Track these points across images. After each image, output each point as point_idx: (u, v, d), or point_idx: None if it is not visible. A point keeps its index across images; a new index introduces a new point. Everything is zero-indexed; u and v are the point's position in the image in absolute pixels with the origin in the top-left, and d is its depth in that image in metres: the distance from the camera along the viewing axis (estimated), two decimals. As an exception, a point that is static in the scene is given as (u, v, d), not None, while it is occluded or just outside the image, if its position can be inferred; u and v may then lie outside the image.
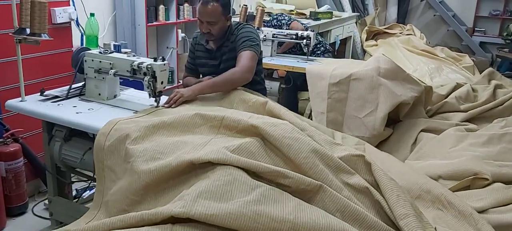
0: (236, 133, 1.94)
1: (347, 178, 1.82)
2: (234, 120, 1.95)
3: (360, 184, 1.79)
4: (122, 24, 3.97)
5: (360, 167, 1.90)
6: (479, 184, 2.33)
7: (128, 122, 2.03)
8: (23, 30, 2.31)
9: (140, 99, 2.51)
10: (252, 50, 2.60)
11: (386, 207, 1.72)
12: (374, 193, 1.77)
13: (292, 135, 1.83)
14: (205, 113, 2.01)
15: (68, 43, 3.23)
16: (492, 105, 3.60)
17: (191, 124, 1.99)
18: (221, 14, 2.60)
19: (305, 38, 3.83)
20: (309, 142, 1.83)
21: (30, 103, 2.39)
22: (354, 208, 1.67)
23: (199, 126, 1.99)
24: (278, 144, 1.81)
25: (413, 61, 6.04)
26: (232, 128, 1.95)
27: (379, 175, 1.82)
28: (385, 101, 3.17)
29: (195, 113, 2.01)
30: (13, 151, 2.80)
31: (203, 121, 2.00)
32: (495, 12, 7.62)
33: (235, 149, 1.76)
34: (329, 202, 1.67)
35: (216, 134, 1.96)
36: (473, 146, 2.68)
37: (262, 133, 1.85)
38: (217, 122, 1.98)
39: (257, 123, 1.88)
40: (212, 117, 2.00)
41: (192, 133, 1.97)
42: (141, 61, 2.27)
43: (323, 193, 1.69)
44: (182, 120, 1.99)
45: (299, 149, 1.79)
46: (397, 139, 3.29)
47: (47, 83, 2.86)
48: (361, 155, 1.91)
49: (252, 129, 1.89)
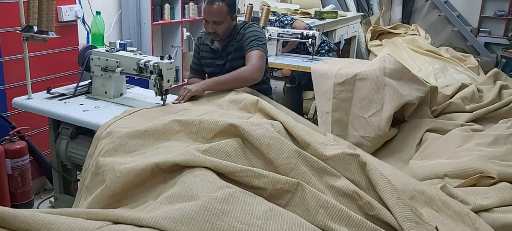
0: (216, 135, 1.85)
1: (332, 180, 1.74)
2: (212, 121, 1.87)
3: (347, 188, 1.71)
4: (128, 23, 3.98)
5: (353, 166, 1.82)
6: (485, 183, 2.32)
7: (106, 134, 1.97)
8: (31, 28, 2.32)
9: (147, 97, 2.52)
10: (261, 50, 2.60)
11: (378, 208, 1.65)
12: (363, 195, 1.69)
13: (273, 135, 1.76)
14: (182, 118, 1.92)
15: (74, 41, 3.24)
16: (498, 106, 3.59)
17: (167, 130, 1.89)
18: (227, 13, 2.60)
19: (311, 38, 3.83)
20: (291, 143, 1.78)
21: (37, 101, 2.41)
22: (338, 205, 1.61)
23: (177, 132, 1.89)
24: (258, 144, 1.74)
25: (417, 61, 6.03)
26: (211, 130, 1.86)
27: (375, 175, 1.76)
28: (391, 102, 3.16)
29: (173, 119, 1.91)
30: (19, 149, 2.81)
31: (181, 127, 1.90)
32: (500, 13, 7.60)
33: (206, 150, 1.68)
34: (310, 199, 1.60)
35: (194, 140, 1.87)
36: (479, 146, 2.68)
37: (242, 132, 1.77)
38: (194, 127, 1.89)
39: (236, 122, 1.80)
40: (190, 121, 1.90)
41: (169, 140, 1.87)
42: (147, 60, 2.27)
43: (302, 191, 1.62)
44: (157, 128, 1.89)
45: (280, 149, 1.72)
46: (402, 138, 3.29)
47: (53, 81, 2.87)
48: (355, 154, 1.85)
49: (231, 129, 1.81)
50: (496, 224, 2.05)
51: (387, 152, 3.25)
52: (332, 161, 1.83)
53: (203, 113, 2.12)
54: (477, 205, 2.13)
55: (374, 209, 1.66)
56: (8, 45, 2.79)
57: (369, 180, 1.78)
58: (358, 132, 3.24)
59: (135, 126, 1.95)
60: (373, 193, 1.76)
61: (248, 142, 1.78)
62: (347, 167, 1.83)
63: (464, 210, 2.02)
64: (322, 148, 1.86)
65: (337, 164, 1.83)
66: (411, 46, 6.45)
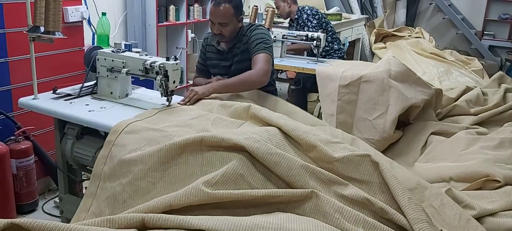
0: (218, 152, 1.78)
1: (341, 189, 1.73)
2: (215, 138, 1.78)
3: (357, 195, 1.70)
4: (133, 24, 3.99)
5: (363, 167, 1.81)
6: (490, 186, 2.31)
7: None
8: (37, 28, 2.33)
9: (152, 98, 2.52)
10: (267, 53, 2.60)
11: (392, 213, 1.65)
12: (375, 201, 1.68)
13: (277, 152, 1.72)
14: (181, 139, 1.80)
15: (80, 42, 3.25)
16: (503, 109, 3.58)
17: (169, 157, 1.80)
18: (233, 15, 2.60)
19: (315, 40, 3.83)
20: (298, 159, 1.75)
21: (43, 101, 2.41)
22: (353, 212, 1.62)
23: (179, 155, 1.80)
24: (266, 163, 1.71)
25: (422, 64, 6.02)
26: (214, 148, 1.79)
27: (387, 175, 1.75)
28: (396, 104, 3.16)
29: (171, 143, 1.81)
30: (24, 149, 2.82)
31: (181, 149, 1.80)
32: (505, 16, 7.59)
33: (218, 181, 1.63)
34: (326, 206, 1.62)
35: (199, 165, 1.78)
36: (484, 149, 2.67)
37: (247, 150, 1.73)
38: (196, 146, 1.80)
39: (240, 141, 1.73)
40: (191, 140, 1.80)
41: (175, 164, 1.79)
42: (153, 61, 2.27)
43: (317, 199, 1.63)
44: (158, 160, 1.79)
45: (288, 166, 1.70)
46: (407, 141, 3.28)
47: (58, 82, 2.87)
48: (366, 154, 1.83)
49: (235, 148, 1.76)
50: (501, 229, 2.04)
51: (392, 155, 3.23)
52: (340, 163, 1.81)
53: (194, 117, 2.08)
54: (483, 209, 2.12)
55: (388, 213, 1.66)
56: (14, 45, 2.80)
57: (381, 179, 1.78)
58: (363, 134, 3.24)
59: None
60: (385, 193, 1.76)
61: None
62: (356, 168, 1.81)
63: (466, 216, 2.01)
64: (330, 149, 1.84)
65: (345, 166, 1.81)
66: (415, 49, 6.45)
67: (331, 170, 1.82)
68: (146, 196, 1.74)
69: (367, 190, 1.76)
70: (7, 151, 2.69)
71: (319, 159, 1.85)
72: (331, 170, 1.82)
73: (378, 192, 1.76)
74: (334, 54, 4.38)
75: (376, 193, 1.76)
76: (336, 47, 4.42)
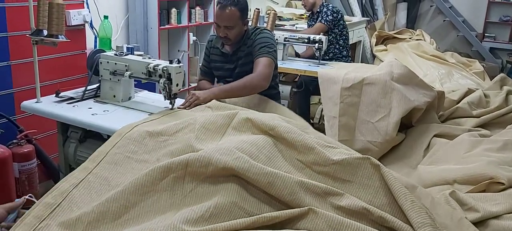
0: (206, 178, 1.65)
1: (337, 200, 1.67)
2: (202, 162, 1.64)
3: (354, 205, 1.64)
4: (135, 27, 3.99)
5: (362, 170, 1.76)
6: (494, 189, 2.31)
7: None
8: (40, 31, 2.33)
9: (155, 101, 2.52)
10: (269, 57, 2.60)
11: (392, 221, 1.61)
12: (373, 210, 1.63)
13: (269, 171, 1.63)
14: (164, 163, 1.65)
15: (82, 45, 3.25)
16: (505, 111, 3.58)
17: (149, 182, 1.61)
18: (239, 19, 2.60)
19: (317, 42, 3.83)
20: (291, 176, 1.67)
21: (45, 105, 2.41)
22: (350, 223, 1.57)
23: (160, 180, 1.63)
24: (259, 184, 1.62)
25: (423, 66, 6.01)
26: (200, 173, 1.64)
27: (389, 177, 1.71)
28: (398, 106, 3.16)
29: (154, 167, 1.64)
30: (26, 152, 2.81)
31: (163, 173, 1.64)
32: (506, 18, 7.59)
33: (200, 219, 1.49)
34: (320, 222, 1.57)
35: (181, 196, 1.63)
36: (488, 151, 2.66)
37: (238, 173, 1.63)
38: (181, 171, 1.65)
39: (229, 163, 1.62)
40: (175, 164, 1.65)
41: (149, 196, 1.61)
42: (156, 64, 2.27)
43: (313, 214, 1.59)
44: (137, 182, 1.60)
45: (282, 186, 1.62)
46: (409, 144, 3.28)
47: (61, 85, 2.88)
48: (366, 157, 1.78)
49: (223, 172, 1.64)
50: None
51: (394, 158, 3.24)
52: (339, 166, 1.77)
53: (179, 129, 1.95)
54: (487, 211, 2.12)
55: (388, 221, 1.62)
56: (17, 48, 2.80)
57: (381, 182, 1.73)
58: (365, 137, 3.23)
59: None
60: (384, 197, 1.71)
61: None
62: (355, 171, 1.76)
63: (457, 215, 2.01)
64: (328, 152, 1.80)
65: (344, 169, 1.77)
66: (416, 51, 6.44)
67: (327, 174, 1.78)
68: (113, 222, 1.54)
69: (365, 194, 1.72)
70: (10, 154, 2.67)
71: (315, 163, 1.80)
72: (328, 173, 1.78)
73: (377, 195, 1.71)
74: (341, 59, 4.38)
75: (375, 197, 1.71)
76: (344, 53, 4.42)
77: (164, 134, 1.91)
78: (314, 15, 4.53)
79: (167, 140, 1.88)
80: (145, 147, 1.85)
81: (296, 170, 1.80)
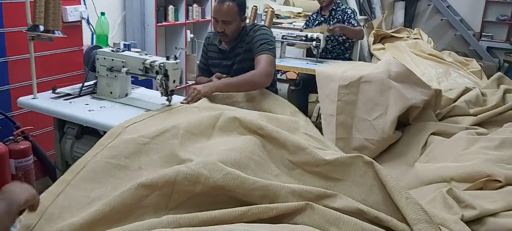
0: (195, 196, 1.58)
1: (331, 202, 1.65)
2: (190, 181, 1.56)
3: (348, 206, 1.62)
4: (132, 24, 3.98)
5: (354, 168, 1.74)
6: (491, 186, 2.30)
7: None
8: (37, 27, 2.32)
9: (152, 98, 2.52)
10: (270, 54, 2.60)
11: (388, 220, 1.60)
12: (368, 211, 1.62)
13: (260, 185, 1.58)
14: (151, 179, 1.55)
15: (79, 42, 3.24)
16: (502, 109, 3.57)
17: (134, 199, 1.51)
18: (237, 14, 2.60)
19: (315, 40, 3.82)
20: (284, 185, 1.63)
21: (42, 101, 2.40)
22: (347, 218, 1.56)
23: (145, 197, 1.53)
24: (251, 200, 1.58)
25: (420, 65, 6.01)
26: (188, 191, 1.57)
27: (383, 174, 1.69)
28: (395, 104, 3.15)
29: (137, 185, 1.53)
30: (23, 149, 2.80)
31: (149, 190, 1.54)
32: (503, 17, 7.60)
33: None
34: (317, 217, 1.56)
35: (166, 209, 1.56)
36: (485, 149, 2.66)
37: (228, 191, 1.58)
38: (168, 189, 1.55)
39: (219, 182, 1.56)
40: (162, 182, 1.55)
41: (133, 213, 1.52)
42: (153, 60, 2.27)
43: (310, 209, 1.58)
44: (121, 201, 1.49)
45: (275, 198, 1.59)
46: (406, 142, 3.27)
47: (57, 81, 2.86)
48: (358, 155, 1.76)
49: (213, 191, 1.59)
50: (503, 229, 2.02)
51: (391, 156, 3.24)
52: (331, 166, 1.76)
53: (161, 132, 1.83)
54: (484, 209, 2.11)
55: (383, 221, 1.61)
56: (13, 44, 2.79)
57: (373, 180, 1.72)
58: (363, 135, 3.23)
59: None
60: (377, 195, 1.70)
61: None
62: (348, 170, 1.75)
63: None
64: (320, 152, 1.79)
65: (336, 168, 1.76)
66: (414, 50, 6.44)
67: (319, 174, 1.77)
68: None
69: (358, 193, 1.71)
70: (6, 151, 2.66)
71: (307, 163, 1.79)
72: (320, 173, 1.77)
73: (370, 193, 1.71)
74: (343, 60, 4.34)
75: (368, 195, 1.70)
76: (347, 56, 4.39)
77: (145, 136, 1.78)
78: (326, 12, 4.30)
79: (148, 144, 1.76)
80: (125, 148, 1.72)
81: (287, 170, 1.79)
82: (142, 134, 1.78)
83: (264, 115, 2.00)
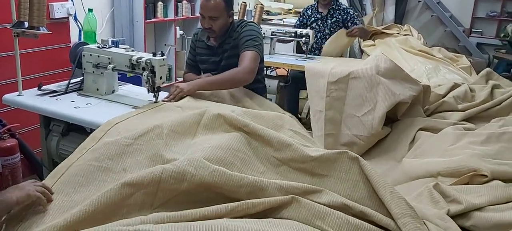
0: (180, 194, 1.57)
1: (317, 198, 1.67)
2: (176, 179, 1.55)
3: (334, 201, 1.64)
4: (120, 21, 3.96)
5: (340, 164, 1.76)
6: (477, 181, 2.31)
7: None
8: (22, 23, 2.29)
9: (139, 94, 2.50)
10: (255, 51, 2.59)
11: (372, 215, 1.62)
12: (353, 206, 1.64)
13: (247, 182, 1.59)
14: (135, 178, 1.53)
15: (66, 39, 3.22)
16: (490, 105, 3.59)
17: (118, 199, 1.49)
18: (224, 9, 2.59)
19: (304, 36, 3.82)
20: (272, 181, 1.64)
21: (27, 98, 2.38)
22: (333, 212, 1.58)
23: (130, 196, 1.51)
24: (238, 196, 1.59)
25: (410, 61, 6.02)
26: (174, 189, 1.56)
27: (368, 169, 1.71)
28: (384, 100, 3.16)
29: (122, 183, 1.51)
30: (9, 146, 2.76)
31: (134, 189, 1.52)
32: (492, 13, 7.63)
33: None
34: (304, 211, 1.57)
35: (151, 208, 1.55)
36: (472, 144, 2.67)
37: (215, 188, 1.58)
38: (153, 187, 1.54)
39: (206, 179, 1.56)
40: (147, 180, 1.53)
41: (117, 213, 1.49)
42: (140, 56, 2.26)
43: (297, 203, 1.59)
44: (107, 201, 1.47)
45: (261, 194, 1.60)
46: (395, 137, 3.29)
47: (44, 79, 2.84)
48: (343, 151, 1.78)
49: (199, 188, 1.59)
50: (489, 223, 2.04)
51: (380, 151, 3.25)
52: (316, 162, 1.78)
53: (145, 132, 1.80)
54: (470, 203, 2.12)
55: (368, 216, 1.63)
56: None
57: (358, 176, 1.73)
58: (351, 131, 3.24)
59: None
60: (361, 190, 1.72)
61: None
62: (333, 166, 1.77)
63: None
64: (306, 149, 1.80)
65: (321, 164, 1.78)
66: (404, 46, 6.45)
67: (305, 170, 1.78)
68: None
69: (343, 188, 1.73)
70: (-8, 148, 2.64)
71: (292, 159, 1.79)
72: (305, 170, 1.78)
73: (355, 188, 1.72)
74: None
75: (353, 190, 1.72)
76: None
77: (128, 137, 1.75)
78: (325, 9, 4.26)
79: (132, 145, 1.72)
80: (107, 150, 1.68)
81: (273, 167, 1.79)
82: (125, 135, 1.76)
83: (249, 112, 1.99)
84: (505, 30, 7.02)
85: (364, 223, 1.61)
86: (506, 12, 7.55)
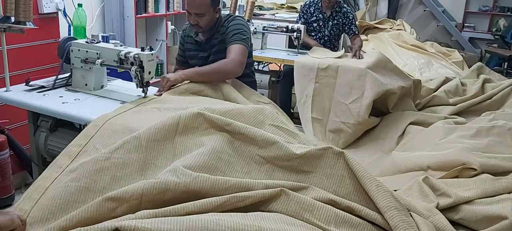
0: (164, 203, 1.52)
1: (303, 193, 1.66)
2: (159, 189, 1.50)
3: (321, 197, 1.63)
4: (111, 16, 3.93)
5: (324, 160, 1.75)
6: (466, 174, 2.32)
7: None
8: (8, 18, 2.27)
9: (128, 90, 2.49)
10: (243, 44, 2.57)
11: (359, 210, 1.62)
12: (340, 201, 1.64)
13: (232, 183, 1.57)
14: (117, 193, 1.48)
15: (55, 34, 3.19)
16: (481, 99, 3.62)
17: (102, 212, 1.45)
18: (210, 6, 2.57)
19: (295, 31, 3.82)
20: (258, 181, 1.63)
21: (15, 93, 2.36)
22: (321, 205, 1.58)
23: (112, 210, 1.47)
24: (226, 201, 1.54)
25: (403, 56, 6.05)
26: (157, 200, 1.51)
27: (353, 164, 1.71)
28: (371, 89, 3.19)
29: (104, 197, 1.46)
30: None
31: (116, 203, 1.47)
32: (485, 8, 7.66)
33: None
34: (293, 204, 1.57)
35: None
36: (461, 138, 2.68)
37: (199, 194, 1.54)
38: (136, 201, 1.48)
39: (190, 186, 1.53)
40: (129, 194, 1.48)
41: None
42: (128, 51, 2.24)
43: (285, 196, 1.59)
44: (88, 216, 1.42)
45: (249, 192, 1.58)
46: (384, 129, 3.32)
47: (33, 74, 2.81)
48: (328, 146, 1.77)
49: (184, 196, 1.53)
50: (477, 216, 2.05)
51: (368, 139, 3.32)
52: (302, 159, 1.76)
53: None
54: (459, 197, 2.13)
55: (355, 211, 1.63)
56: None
57: (344, 171, 1.73)
58: (340, 118, 3.33)
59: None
60: (347, 185, 1.71)
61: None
62: (318, 162, 1.76)
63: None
64: (291, 146, 1.78)
65: (307, 162, 1.77)
66: (397, 41, 6.47)
67: (290, 168, 1.77)
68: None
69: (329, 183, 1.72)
70: (-19, 145, 2.63)
71: (277, 157, 1.77)
72: (290, 167, 1.77)
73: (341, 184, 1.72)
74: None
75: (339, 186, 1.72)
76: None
77: (105, 152, 1.66)
78: (328, 11, 4.14)
79: (109, 159, 1.63)
80: (83, 168, 1.60)
81: (258, 166, 1.77)
82: (102, 151, 1.68)
83: (228, 111, 1.93)
84: (497, 25, 7.05)
85: (352, 217, 1.61)
86: (498, 7, 7.58)
